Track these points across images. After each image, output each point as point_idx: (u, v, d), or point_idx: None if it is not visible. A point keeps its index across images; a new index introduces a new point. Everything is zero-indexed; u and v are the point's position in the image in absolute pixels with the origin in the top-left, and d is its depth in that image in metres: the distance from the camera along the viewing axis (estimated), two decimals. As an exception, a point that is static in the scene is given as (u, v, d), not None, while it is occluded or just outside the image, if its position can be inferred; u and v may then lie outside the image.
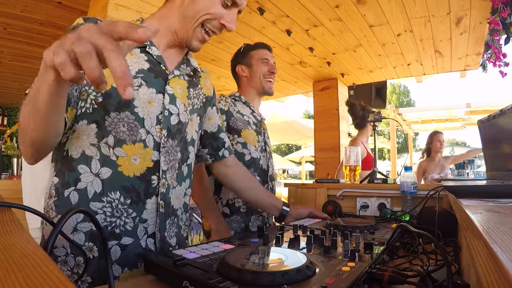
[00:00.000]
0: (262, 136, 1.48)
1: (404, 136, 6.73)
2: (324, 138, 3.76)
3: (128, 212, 0.73)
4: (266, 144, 1.49)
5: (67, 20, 2.42)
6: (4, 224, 0.33)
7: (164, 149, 0.78)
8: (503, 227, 0.32)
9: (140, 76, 0.76)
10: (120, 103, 0.72)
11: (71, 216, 0.64)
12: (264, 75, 1.46)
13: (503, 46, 2.18)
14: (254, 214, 1.37)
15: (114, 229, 0.71)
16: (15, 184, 2.83)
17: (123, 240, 0.72)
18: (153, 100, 0.77)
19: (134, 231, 0.73)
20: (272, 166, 1.51)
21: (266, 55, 1.48)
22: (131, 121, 0.73)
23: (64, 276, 0.18)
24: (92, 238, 0.69)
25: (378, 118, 1.73)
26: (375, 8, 2.22)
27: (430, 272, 0.51)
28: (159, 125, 0.77)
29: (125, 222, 0.72)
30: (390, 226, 0.94)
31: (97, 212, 0.70)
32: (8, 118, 5.49)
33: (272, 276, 0.43)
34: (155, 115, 0.77)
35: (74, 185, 0.71)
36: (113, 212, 0.71)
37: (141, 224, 0.74)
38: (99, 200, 0.71)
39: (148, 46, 0.79)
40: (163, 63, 0.81)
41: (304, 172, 12.99)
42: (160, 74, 0.80)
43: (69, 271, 0.68)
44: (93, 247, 0.69)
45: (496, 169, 1.15)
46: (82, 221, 0.70)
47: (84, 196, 0.70)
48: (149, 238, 0.76)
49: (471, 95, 57.60)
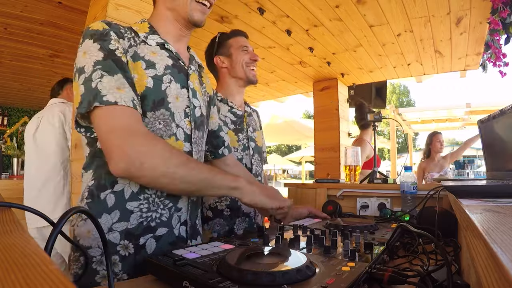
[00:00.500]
0: (245, 132, 1.38)
1: (404, 136, 6.73)
2: (324, 138, 3.76)
3: (164, 204, 0.77)
4: (249, 140, 1.39)
5: (67, 20, 2.42)
6: (4, 224, 0.33)
7: (193, 140, 0.84)
8: (503, 227, 0.32)
9: (168, 72, 0.80)
10: (155, 102, 0.76)
11: (109, 216, 0.71)
12: (246, 63, 1.36)
13: (503, 46, 2.18)
14: (239, 216, 1.30)
15: (150, 223, 0.74)
16: (15, 184, 2.83)
17: (158, 232, 0.75)
18: (179, 95, 0.81)
19: (169, 221, 0.77)
20: (257, 163, 1.41)
21: (244, 42, 1.39)
22: (166, 117, 0.77)
23: (64, 276, 0.18)
24: (127, 236, 0.72)
25: (378, 118, 1.73)
26: (375, 8, 2.22)
27: (430, 272, 0.51)
28: (187, 118, 0.82)
29: (161, 214, 0.76)
30: (390, 226, 0.94)
31: (133, 211, 0.73)
32: (8, 118, 5.49)
33: (272, 276, 0.43)
34: (182, 109, 0.81)
35: (111, 188, 0.73)
36: (149, 207, 0.74)
37: (176, 213, 0.79)
38: (136, 199, 0.73)
39: (166, 43, 0.83)
40: (181, 59, 0.86)
41: (304, 172, 12.99)
42: (182, 70, 0.85)
43: (105, 270, 0.70)
44: (128, 245, 0.72)
45: (496, 169, 1.15)
46: (117, 221, 0.72)
47: (120, 197, 0.73)
48: (181, 226, 0.80)
49: (471, 95, 57.69)
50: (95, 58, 0.69)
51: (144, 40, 0.80)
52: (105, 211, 0.72)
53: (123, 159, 0.64)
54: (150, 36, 0.82)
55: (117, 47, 0.72)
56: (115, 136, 0.65)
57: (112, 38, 0.72)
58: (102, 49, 0.70)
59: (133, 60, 0.75)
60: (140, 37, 0.80)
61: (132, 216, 0.72)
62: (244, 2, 2.17)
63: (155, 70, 0.77)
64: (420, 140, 26.34)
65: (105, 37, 0.72)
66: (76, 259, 0.73)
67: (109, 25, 0.74)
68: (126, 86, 0.69)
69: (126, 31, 0.77)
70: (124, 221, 0.72)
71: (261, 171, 1.45)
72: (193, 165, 0.72)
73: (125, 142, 0.65)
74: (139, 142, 0.66)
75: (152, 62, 0.78)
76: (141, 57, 0.77)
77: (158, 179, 0.68)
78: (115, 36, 0.73)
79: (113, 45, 0.72)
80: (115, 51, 0.71)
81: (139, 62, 0.76)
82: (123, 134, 0.65)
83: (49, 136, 1.95)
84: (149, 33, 0.82)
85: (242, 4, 2.19)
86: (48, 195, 1.89)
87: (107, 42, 0.71)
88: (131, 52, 0.75)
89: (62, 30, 2.58)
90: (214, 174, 0.75)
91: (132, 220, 0.72)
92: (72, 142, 1.56)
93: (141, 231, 0.73)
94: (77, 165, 1.44)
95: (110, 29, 0.73)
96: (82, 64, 0.70)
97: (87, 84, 0.67)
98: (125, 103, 0.66)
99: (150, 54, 0.79)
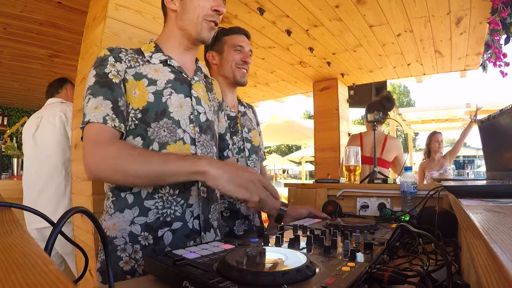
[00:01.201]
0: (239, 134, 1.34)
1: (404, 136, 6.74)
2: (324, 138, 3.77)
3: (177, 201, 0.86)
4: (245, 142, 1.35)
5: (67, 20, 2.42)
6: (4, 224, 0.33)
7: (199, 143, 0.91)
8: (503, 227, 0.32)
9: (169, 86, 0.88)
10: (157, 114, 0.85)
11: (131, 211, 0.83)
12: (236, 63, 1.31)
13: (503, 46, 2.18)
14: (239, 218, 1.30)
15: (166, 218, 0.84)
16: (15, 184, 2.83)
17: (173, 226, 0.84)
18: (183, 104, 0.89)
19: (182, 216, 0.86)
20: (254, 163, 1.38)
21: (240, 41, 1.33)
22: (169, 125, 0.86)
23: (64, 276, 0.18)
24: (147, 229, 0.82)
25: (378, 118, 1.73)
26: (375, 8, 2.22)
27: (430, 272, 0.51)
28: (192, 124, 0.90)
29: (175, 210, 0.85)
30: (390, 226, 0.94)
31: (150, 208, 0.83)
32: (8, 118, 5.49)
33: (272, 276, 0.43)
34: (187, 116, 0.90)
35: (129, 190, 0.84)
36: (164, 205, 0.84)
37: (188, 209, 0.87)
38: (152, 198, 0.84)
39: (169, 59, 0.92)
40: (183, 72, 0.94)
41: (304, 172, 13.00)
42: (184, 81, 0.93)
43: (128, 256, 0.81)
44: (148, 236, 0.82)
45: (496, 169, 1.15)
46: (137, 216, 0.83)
47: (138, 197, 0.84)
48: (195, 220, 0.88)
49: (471, 95, 57.67)
50: (88, 84, 0.82)
51: (148, 60, 0.90)
52: (127, 207, 0.83)
53: (87, 168, 0.77)
54: (154, 55, 0.91)
55: (110, 70, 0.83)
56: (84, 148, 0.78)
57: (108, 63, 0.83)
58: (96, 74, 0.82)
59: (136, 79, 0.85)
60: (146, 57, 0.90)
61: (150, 212, 0.83)
62: (244, 2, 2.17)
63: (155, 86, 0.86)
64: (420, 140, 26.36)
65: (103, 62, 0.83)
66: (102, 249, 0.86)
67: (111, 51, 0.85)
68: (103, 105, 0.79)
69: (127, 53, 0.87)
70: (143, 216, 0.82)
71: (259, 169, 1.43)
72: (144, 159, 0.75)
73: (88, 153, 0.77)
74: (97, 150, 0.77)
75: (153, 79, 0.87)
76: (143, 75, 0.86)
77: (113, 177, 0.78)
78: (112, 60, 0.84)
79: (107, 69, 0.83)
80: (108, 74, 0.82)
81: (141, 80, 0.86)
82: (88, 146, 0.78)
83: (50, 137, 1.93)
84: (153, 52, 0.92)
85: (242, 4, 2.19)
86: (49, 196, 1.88)
87: (103, 67, 0.83)
88: (132, 72, 0.86)
89: (61, 30, 2.58)
90: (168, 162, 0.74)
91: (150, 215, 0.83)
92: (72, 142, 1.56)
93: (159, 224, 0.83)
94: (77, 165, 1.44)
95: (110, 55, 0.84)
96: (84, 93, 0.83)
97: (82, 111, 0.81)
98: (96, 120, 0.77)
99: (153, 72, 0.88)
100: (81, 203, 1.35)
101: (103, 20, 1.27)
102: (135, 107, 0.84)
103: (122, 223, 0.83)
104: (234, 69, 1.31)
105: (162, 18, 1.53)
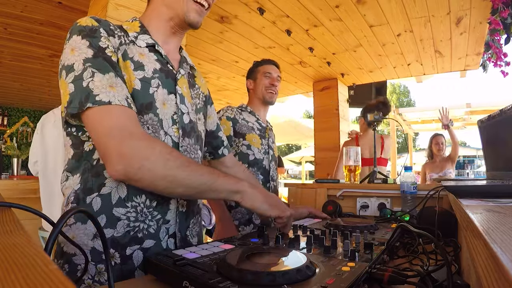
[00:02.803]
0: (266, 140, 1.65)
1: (404, 136, 6.73)
2: (324, 138, 3.76)
3: (152, 215, 0.72)
4: (269, 148, 1.65)
5: (67, 20, 2.42)
6: (4, 224, 0.33)
7: (182, 147, 0.79)
8: (503, 227, 0.32)
9: (157, 76, 0.76)
10: (143, 106, 0.72)
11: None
12: (265, 87, 1.66)
13: (503, 46, 2.18)
14: None
15: (137, 234, 0.70)
16: (15, 184, 2.83)
17: (144, 244, 0.71)
18: (167, 101, 0.77)
19: (156, 233, 0.73)
20: (274, 168, 1.65)
21: (270, 69, 1.68)
22: (155, 122, 0.74)
23: (64, 276, 0.18)
24: (113, 245, 0.69)
25: (378, 118, 1.73)
26: (375, 8, 2.22)
27: (430, 272, 0.51)
28: (175, 125, 0.78)
29: (149, 225, 0.72)
30: (390, 226, 0.94)
31: (120, 218, 0.69)
32: (8, 118, 5.49)
33: (272, 276, 0.43)
34: (170, 115, 0.77)
35: (98, 191, 0.69)
36: (137, 217, 0.70)
37: (164, 226, 0.74)
38: (123, 206, 0.69)
39: (156, 45, 0.80)
40: (170, 62, 0.82)
41: (304, 172, 12.99)
42: (169, 74, 0.80)
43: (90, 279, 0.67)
44: (114, 254, 0.69)
45: (496, 169, 1.15)
46: (103, 227, 0.68)
47: (107, 202, 0.69)
48: (170, 238, 0.76)
49: (471, 95, 57.66)
50: (84, 56, 0.65)
51: (133, 41, 0.77)
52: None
53: (121, 162, 0.62)
54: (140, 36, 0.78)
55: (107, 45, 0.69)
56: (112, 138, 0.62)
57: (102, 35, 0.69)
58: (91, 46, 0.67)
59: (123, 59, 0.72)
60: (130, 37, 0.77)
61: (119, 223, 0.69)
62: (244, 2, 2.17)
63: (143, 72, 0.74)
64: (420, 140, 26.36)
65: (94, 33, 0.68)
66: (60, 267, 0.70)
67: (98, 22, 0.70)
68: (118, 84, 0.66)
69: (116, 28, 0.74)
70: (111, 228, 0.68)
71: (276, 177, 1.66)
72: (193, 167, 0.69)
73: (122, 144, 0.62)
74: (136, 144, 0.63)
75: (140, 63, 0.75)
76: (129, 57, 0.74)
77: (156, 181, 0.65)
78: (104, 33, 0.70)
79: (103, 42, 0.68)
80: (105, 49, 0.68)
81: (127, 61, 0.73)
82: (120, 136, 0.62)
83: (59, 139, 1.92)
84: (139, 32, 0.79)
85: (242, 4, 2.19)
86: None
87: (96, 39, 0.68)
88: (122, 51, 0.73)
89: (62, 30, 2.58)
90: (216, 178, 0.72)
91: (118, 227, 0.69)
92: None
93: (128, 240, 0.69)
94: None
95: (99, 26, 0.70)
96: (70, 61, 0.66)
97: (77, 83, 0.64)
98: (119, 102, 0.64)
99: (139, 55, 0.76)
100: (81, 203, 1.35)
101: (103, 20, 1.27)
102: None
103: (83, 236, 0.67)
104: (263, 91, 1.66)
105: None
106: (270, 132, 1.73)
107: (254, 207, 0.76)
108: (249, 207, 0.76)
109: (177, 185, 0.66)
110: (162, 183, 0.65)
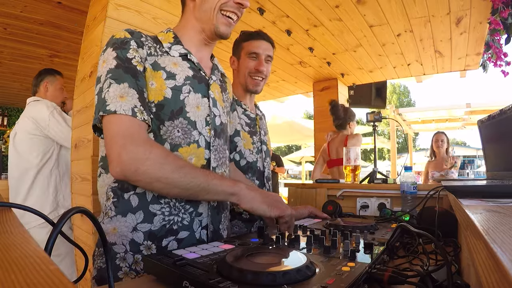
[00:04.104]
0: (258, 135, 1.35)
1: (404, 136, 6.73)
2: (324, 138, 3.75)
3: (185, 208, 0.80)
4: (262, 143, 1.36)
5: (67, 20, 2.42)
6: (4, 224, 0.33)
7: (213, 147, 0.86)
8: (503, 227, 0.32)
9: (188, 83, 0.83)
10: (173, 112, 0.79)
11: (134, 216, 0.76)
12: (249, 72, 1.28)
13: (504, 46, 2.18)
14: (257, 220, 1.29)
15: (172, 226, 0.78)
16: (15, 184, 2.83)
17: (180, 235, 0.78)
18: (200, 104, 0.84)
19: (190, 225, 0.80)
20: (268, 166, 1.40)
21: (257, 47, 1.28)
22: (185, 125, 0.80)
23: (64, 276, 0.18)
24: (150, 237, 0.76)
25: (378, 118, 1.73)
26: (375, 8, 2.22)
27: (430, 272, 0.50)
28: (208, 126, 0.85)
29: (183, 218, 0.79)
30: (390, 226, 0.94)
31: (156, 213, 0.76)
32: (8, 118, 5.48)
33: (272, 276, 0.43)
34: (204, 117, 0.85)
35: (134, 190, 0.77)
36: (171, 211, 0.78)
37: (197, 218, 0.81)
38: (157, 202, 0.77)
39: (189, 54, 0.86)
40: (202, 69, 0.89)
41: (304, 172, 12.99)
42: (202, 80, 0.88)
43: (127, 267, 0.74)
44: (151, 245, 0.76)
45: (496, 169, 1.15)
46: (141, 222, 0.76)
47: (143, 199, 0.77)
48: (203, 229, 0.83)
49: (471, 95, 57.67)
50: (108, 67, 0.73)
51: (167, 51, 0.83)
52: (130, 211, 0.76)
53: (119, 165, 0.68)
54: (174, 47, 0.85)
55: (134, 55, 0.75)
56: (114, 143, 0.69)
57: (131, 47, 0.76)
58: (117, 57, 0.74)
59: (154, 69, 0.79)
60: (164, 48, 0.84)
61: (155, 218, 0.76)
62: (244, 2, 2.16)
63: (174, 81, 0.80)
64: (420, 140, 26.37)
65: (124, 45, 0.76)
66: (100, 254, 0.78)
67: (131, 34, 0.78)
68: (130, 94, 0.72)
69: (147, 39, 0.81)
70: (148, 223, 0.76)
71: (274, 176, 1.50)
72: (188, 170, 0.73)
73: (122, 149, 0.68)
74: (135, 149, 0.69)
75: (172, 73, 0.81)
76: (162, 67, 0.80)
77: (152, 184, 0.71)
78: (134, 45, 0.77)
79: (130, 54, 0.75)
80: (131, 60, 0.75)
81: (159, 71, 0.79)
82: (122, 142, 0.69)
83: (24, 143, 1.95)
84: (173, 43, 0.86)
85: (242, 4, 2.19)
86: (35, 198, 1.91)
87: (125, 51, 0.75)
88: (151, 61, 0.79)
89: (61, 30, 2.58)
90: (210, 180, 0.75)
91: (155, 222, 0.76)
92: (72, 142, 1.56)
93: (164, 233, 0.77)
94: (77, 165, 1.44)
95: (131, 38, 0.77)
96: (99, 73, 0.75)
97: (99, 95, 0.73)
98: (124, 111, 0.70)
99: (172, 65, 0.82)
100: (81, 203, 1.35)
101: (103, 20, 1.27)
102: (151, 100, 0.78)
103: (123, 228, 0.75)
104: (246, 77, 1.29)
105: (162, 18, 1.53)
106: (261, 121, 1.42)
107: (253, 208, 0.79)
108: (247, 208, 0.79)
109: (172, 186, 0.72)
110: (158, 185, 0.71)
